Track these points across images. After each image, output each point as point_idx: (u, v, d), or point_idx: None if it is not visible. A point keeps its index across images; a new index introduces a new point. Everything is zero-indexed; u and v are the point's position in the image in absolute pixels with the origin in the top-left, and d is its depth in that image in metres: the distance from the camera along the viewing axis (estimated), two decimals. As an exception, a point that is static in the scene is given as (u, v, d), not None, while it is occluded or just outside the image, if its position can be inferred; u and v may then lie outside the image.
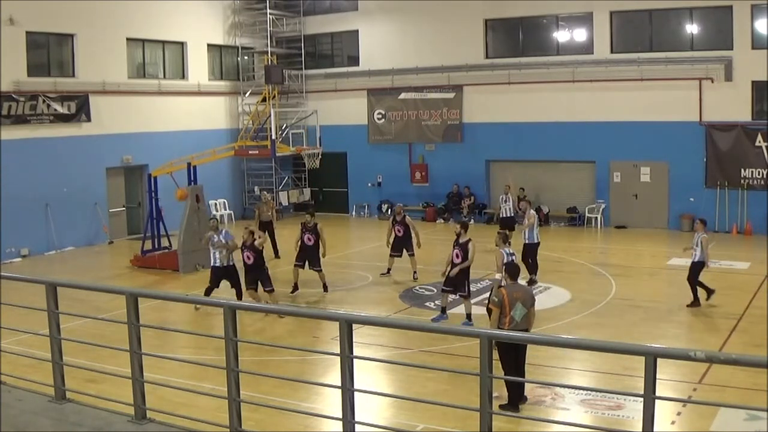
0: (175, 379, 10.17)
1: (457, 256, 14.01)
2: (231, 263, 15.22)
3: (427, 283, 17.38)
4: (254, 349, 11.26)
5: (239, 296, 15.07)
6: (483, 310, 13.58)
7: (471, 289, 14.65)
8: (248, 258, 14.97)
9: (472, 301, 14.60)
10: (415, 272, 17.87)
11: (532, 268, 16.98)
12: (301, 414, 8.89)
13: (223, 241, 15.18)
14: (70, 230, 22.96)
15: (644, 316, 14.67)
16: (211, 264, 15.31)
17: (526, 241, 17.12)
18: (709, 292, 15.01)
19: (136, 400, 6.45)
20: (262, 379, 9.33)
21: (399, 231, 18.04)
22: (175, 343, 13.45)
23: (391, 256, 18.19)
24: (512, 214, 21.32)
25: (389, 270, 18.25)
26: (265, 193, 23.89)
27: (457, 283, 14.09)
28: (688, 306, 14.92)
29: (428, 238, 19.22)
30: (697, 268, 14.93)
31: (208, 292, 15.06)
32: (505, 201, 21.51)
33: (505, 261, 12.56)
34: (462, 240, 14.08)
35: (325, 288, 16.86)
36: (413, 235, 18.00)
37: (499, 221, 22.29)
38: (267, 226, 20.78)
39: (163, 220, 20.70)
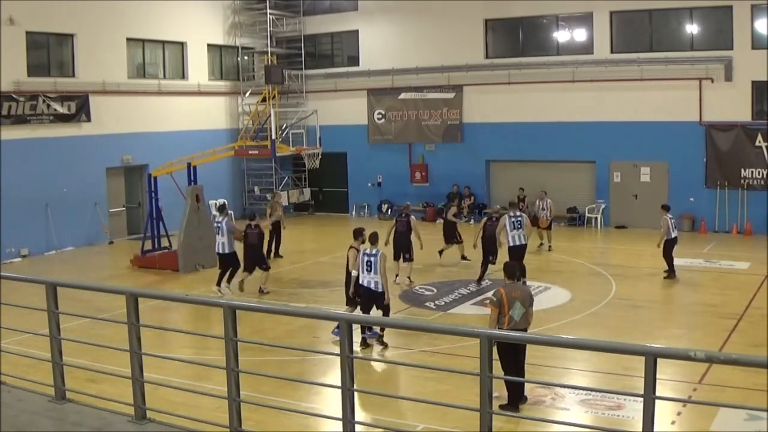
0: (175, 379, 10.17)
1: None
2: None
3: (426, 282, 17.38)
4: (254, 349, 11.25)
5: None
6: (486, 311, 13.49)
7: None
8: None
9: (473, 301, 15.17)
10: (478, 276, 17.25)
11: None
12: (301, 414, 8.89)
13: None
14: (70, 230, 22.95)
15: (644, 316, 14.69)
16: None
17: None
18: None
19: (136, 400, 6.44)
20: (262, 379, 9.32)
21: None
22: (175, 343, 13.45)
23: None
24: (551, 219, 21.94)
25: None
26: (278, 192, 23.97)
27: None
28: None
29: (427, 238, 19.21)
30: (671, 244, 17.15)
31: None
32: (542, 208, 21.78)
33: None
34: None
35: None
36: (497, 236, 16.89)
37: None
38: (276, 226, 20.85)
39: (163, 220, 20.69)
